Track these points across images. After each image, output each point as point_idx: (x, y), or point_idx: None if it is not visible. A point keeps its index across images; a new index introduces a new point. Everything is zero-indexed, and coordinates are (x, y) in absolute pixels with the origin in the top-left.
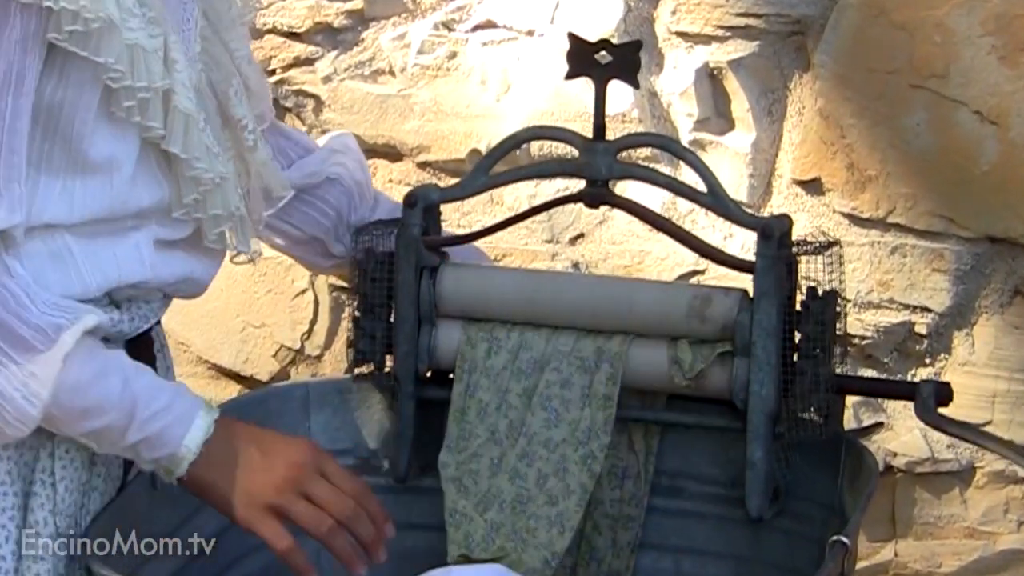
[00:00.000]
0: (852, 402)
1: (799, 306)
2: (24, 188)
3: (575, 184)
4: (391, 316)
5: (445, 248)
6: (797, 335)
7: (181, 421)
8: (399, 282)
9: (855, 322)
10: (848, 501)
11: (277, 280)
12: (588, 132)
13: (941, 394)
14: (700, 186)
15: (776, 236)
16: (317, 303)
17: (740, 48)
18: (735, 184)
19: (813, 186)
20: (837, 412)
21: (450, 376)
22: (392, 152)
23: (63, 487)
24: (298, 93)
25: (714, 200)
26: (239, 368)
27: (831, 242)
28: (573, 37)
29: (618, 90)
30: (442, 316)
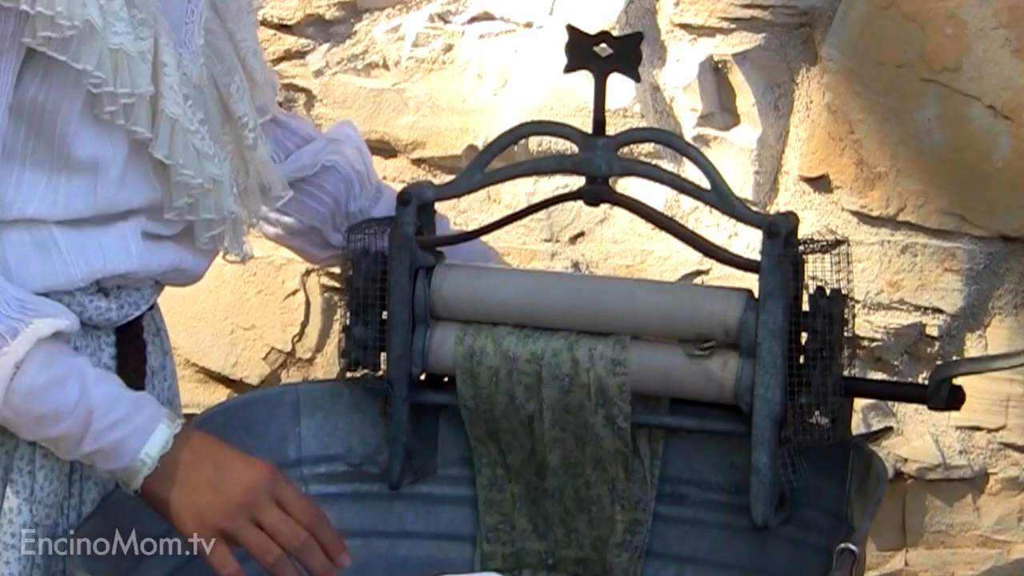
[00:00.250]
0: (861, 406)
1: (806, 307)
2: None
3: (575, 181)
4: (384, 318)
5: (452, 246)
6: (804, 336)
7: (139, 433)
8: (392, 283)
9: (864, 324)
10: (856, 509)
11: (267, 280)
12: (588, 127)
13: (953, 396)
14: (704, 183)
15: (782, 234)
16: (308, 304)
17: (745, 41)
18: (740, 181)
19: (821, 183)
20: (845, 416)
21: (444, 380)
22: (386, 148)
23: (42, 475)
24: (289, 87)
25: (718, 197)
26: (228, 371)
27: (839, 241)
28: (572, 29)
29: (619, 84)
30: (437, 318)
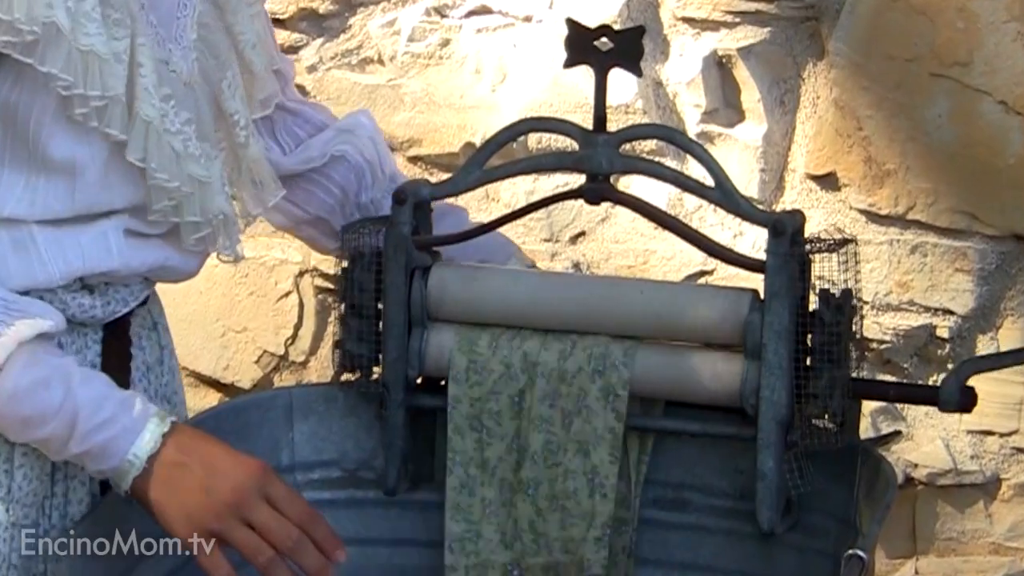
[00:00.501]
0: (869, 409)
1: (813, 307)
2: None
3: (575, 179)
4: (380, 320)
5: (469, 241)
6: (810, 338)
7: (126, 434)
8: (388, 284)
9: (873, 325)
10: (865, 514)
11: (260, 282)
12: (588, 124)
13: (966, 398)
14: (708, 181)
15: (788, 233)
16: (302, 306)
17: (750, 35)
18: (745, 179)
19: (828, 181)
20: (853, 419)
21: (442, 383)
22: None
23: (21, 475)
24: None
25: (723, 195)
26: (219, 375)
27: (846, 240)
28: (572, 23)
29: (620, 79)
30: (434, 320)
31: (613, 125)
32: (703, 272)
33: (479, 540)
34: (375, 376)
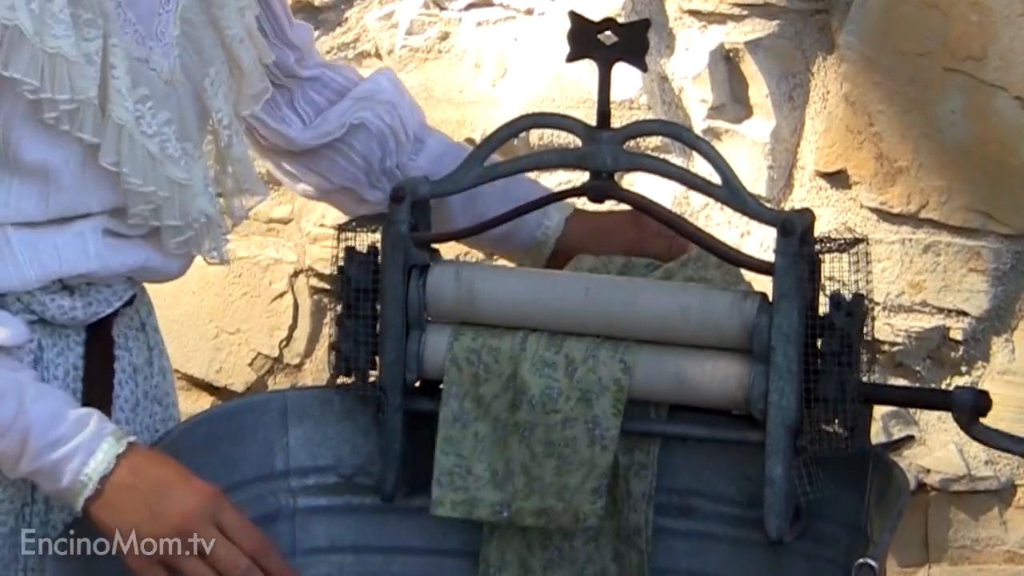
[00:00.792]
0: (881, 414)
1: (823, 309)
2: None
3: (578, 177)
4: (377, 321)
5: (493, 183)
6: (820, 341)
7: (78, 453)
8: (385, 284)
9: (884, 327)
10: (876, 522)
11: (253, 282)
12: (592, 120)
13: (979, 404)
14: (714, 178)
15: (797, 232)
16: (297, 307)
17: (758, 28)
18: (753, 176)
19: (838, 178)
20: (864, 424)
21: (440, 386)
22: None
23: None
24: None
25: (729, 193)
26: (212, 378)
27: (857, 239)
28: (575, 16)
29: (624, 74)
30: (432, 321)
31: (617, 121)
32: None
33: (468, 476)
34: (372, 379)
